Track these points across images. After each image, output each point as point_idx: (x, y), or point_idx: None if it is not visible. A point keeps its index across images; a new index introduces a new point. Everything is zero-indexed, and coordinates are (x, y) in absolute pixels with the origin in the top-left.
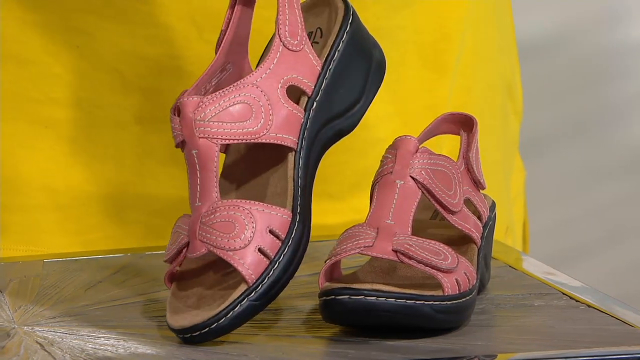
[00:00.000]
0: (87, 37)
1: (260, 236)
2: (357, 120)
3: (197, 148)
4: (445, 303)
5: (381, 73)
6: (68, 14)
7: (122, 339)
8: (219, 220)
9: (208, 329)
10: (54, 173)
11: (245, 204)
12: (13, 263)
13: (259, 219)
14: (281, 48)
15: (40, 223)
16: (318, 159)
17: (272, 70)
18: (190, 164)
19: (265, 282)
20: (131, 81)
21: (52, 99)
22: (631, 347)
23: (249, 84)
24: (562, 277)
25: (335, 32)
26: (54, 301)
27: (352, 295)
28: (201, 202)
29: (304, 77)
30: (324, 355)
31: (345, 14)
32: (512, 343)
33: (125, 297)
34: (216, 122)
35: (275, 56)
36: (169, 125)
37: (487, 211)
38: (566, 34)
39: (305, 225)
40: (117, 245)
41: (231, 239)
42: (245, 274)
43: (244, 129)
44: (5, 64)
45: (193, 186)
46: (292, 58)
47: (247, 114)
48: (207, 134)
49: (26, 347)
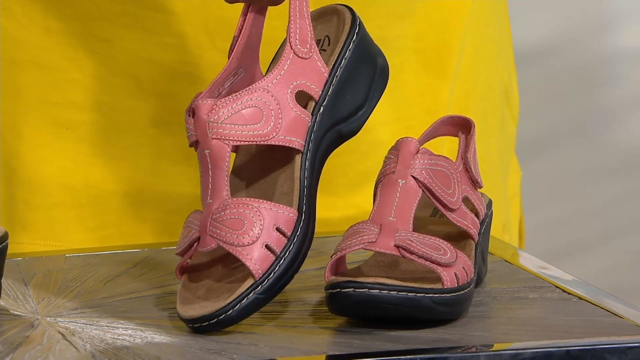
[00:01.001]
0: (106, 45)
1: (267, 233)
2: (360, 124)
3: (210, 148)
4: (444, 295)
5: (384, 80)
6: (88, 23)
7: (139, 329)
8: (229, 217)
9: (216, 320)
10: (73, 173)
11: (254, 202)
12: (37, 258)
13: (266, 217)
14: (291, 55)
15: (60, 220)
16: (323, 161)
17: (282, 76)
18: (203, 163)
19: (271, 277)
20: (147, 86)
21: (73, 103)
22: (620, 337)
23: (261, 89)
24: (555, 271)
25: (342, 41)
26: (75, 294)
27: (357, 288)
28: (212, 199)
29: (312, 83)
30: (330, 345)
31: (352, 24)
32: (508, 333)
33: (142, 289)
34: (228, 124)
35: (286, 63)
36: (182, 128)
37: (484, 209)
38: (561, 41)
39: (309, 223)
40: (133, 241)
41: (240, 235)
42: (252, 269)
43: (254, 131)
44: (29, 70)
45: (205, 184)
46: (302, 65)
47: (258, 117)
48: (220, 135)
49: (49, 337)
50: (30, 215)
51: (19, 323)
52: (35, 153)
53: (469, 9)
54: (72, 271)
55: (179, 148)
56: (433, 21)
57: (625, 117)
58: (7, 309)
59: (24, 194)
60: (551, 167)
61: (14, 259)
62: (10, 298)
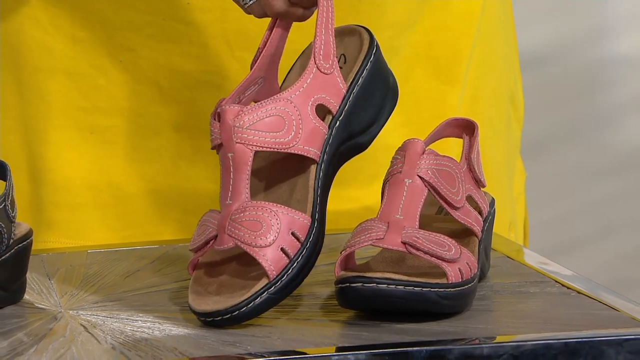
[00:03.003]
0: (129, 53)
1: (283, 236)
2: (371, 139)
3: (234, 152)
4: (449, 290)
5: (395, 99)
6: (113, 32)
7: (157, 322)
8: (248, 219)
9: (230, 316)
10: (98, 174)
11: (272, 206)
12: (60, 254)
13: (283, 221)
14: (315, 70)
15: (85, 220)
16: (335, 171)
17: (305, 89)
18: (225, 165)
19: (284, 279)
20: (168, 93)
21: (98, 108)
22: (617, 329)
23: (284, 99)
24: (555, 266)
25: (360, 60)
26: (97, 288)
27: (365, 283)
28: (232, 200)
29: (332, 97)
30: (340, 337)
31: (370, 45)
32: (510, 326)
33: (160, 284)
34: (253, 130)
35: (309, 77)
36: (202, 132)
37: (487, 207)
38: (560, 47)
39: (321, 230)
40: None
41: (258, 236)
42: (267, 269)
43: (276, 138)
44: (55, 76)
45: (225, 185)
46: (323, 79)
47: (281, 125)
48: (244, 140)
49: (71, 329)
50: (56, 215)
51: (43, 316)
52: (61, 155)
53: (477, 18)
54: (94, 266)
55: (198, 152)
56: (442, 30)
57: (622, 120)
58: (31, 303)
59: (50, 195)
60: (551, 167)
61: (39, 255)
62: (35, 292)
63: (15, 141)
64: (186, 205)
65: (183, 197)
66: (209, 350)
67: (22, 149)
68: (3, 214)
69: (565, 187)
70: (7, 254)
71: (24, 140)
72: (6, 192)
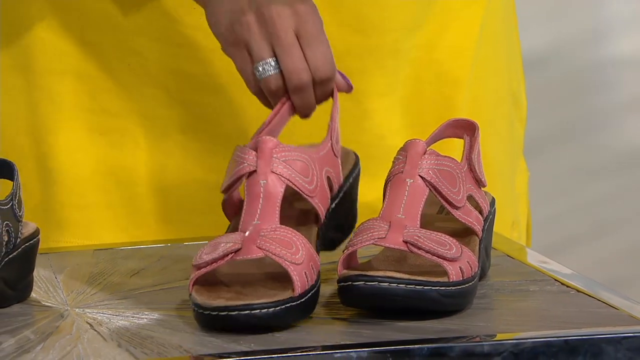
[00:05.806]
0: (137, 56)
1: (306, 264)
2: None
3: (267, 180)
4: (450, 288)
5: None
6: (121, 36)
7: (163, 320)
8: (280, 237)
9: (248, 312)
10: (106, 175)
11: (302, 236)
12: (67, 252)
13: (308, 252)
14: (329, 146)
15: (94, 220)
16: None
17: (322, 155)
18: (254, 192)
19: (304, 299)
20: (175, 95)
21: (107, 110)
22: (616, 327)
23: (312, 153)
24: (555, 265)
25: (348, 169)
26: (103, 286)
27: (367, 282)
28: (261, 220)
29: (336, 176)
30: (343, 335)
31: (355, 163)
32: (510, 324)
33: (165, 282)
34: (288, 166)
35: (324, 149)
36: (208, 134)
37: (488, 206)
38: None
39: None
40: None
41: (291, 253)
42: (296, 285)
43: (304, 182)
44: (66, 78)
45: (252, 210)
46: (332, 158)
47: (307, 172)
48: (280, 171)
49: (78, 327)
50: (65, 215)
51: (49, 314)
52: (70, 156)
53: (480, 20)
54: (100, 265)
55: (204, 154)
56: (446, 33)
57: (620, 120)
58: (38, 301)
59: (60, 195)
60: (549, 166)
61: (46, 254)
62: (42, 290)
63: (25, 142)
64: (192, 207)
65: (189, 198)
66: (213, 348)
67: (32, 149)
68: (10, 214)
69: (563, 187)
70: (14, 253)
71: (34, 141)
72: (13, 191)
